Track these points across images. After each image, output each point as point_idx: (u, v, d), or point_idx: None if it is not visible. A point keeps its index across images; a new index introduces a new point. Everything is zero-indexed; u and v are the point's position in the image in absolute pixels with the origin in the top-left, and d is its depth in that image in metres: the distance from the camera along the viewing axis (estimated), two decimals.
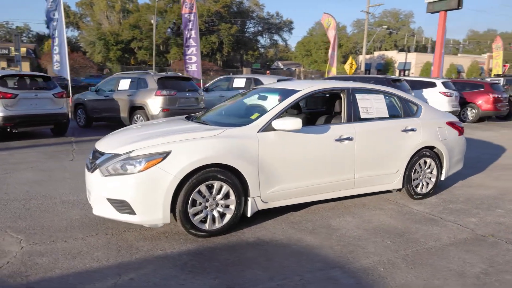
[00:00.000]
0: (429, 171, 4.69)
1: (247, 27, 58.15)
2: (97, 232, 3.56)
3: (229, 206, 3.52)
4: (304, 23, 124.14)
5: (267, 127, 3.67)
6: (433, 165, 4.70)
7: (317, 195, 4.00)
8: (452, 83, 13.28)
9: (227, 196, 3.48)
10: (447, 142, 4.75)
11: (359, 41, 55.62)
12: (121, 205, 3.25)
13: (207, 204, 3.42)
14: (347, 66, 19.62)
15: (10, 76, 8.66)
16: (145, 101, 9.18)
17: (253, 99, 4.70)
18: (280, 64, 66.97)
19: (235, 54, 57.19)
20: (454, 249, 3.35)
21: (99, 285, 2.66)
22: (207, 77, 36.28)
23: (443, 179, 4.86)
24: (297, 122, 3.56)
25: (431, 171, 4.71)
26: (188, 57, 14.21)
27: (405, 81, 11.81)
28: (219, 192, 3.44)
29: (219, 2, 50.41)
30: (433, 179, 4.74)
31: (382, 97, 4.47)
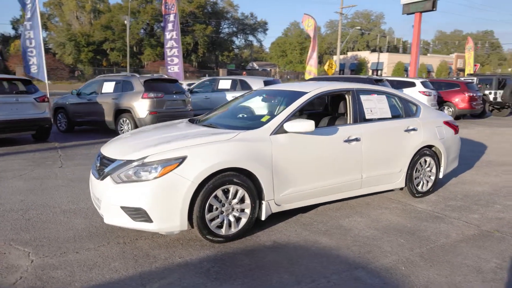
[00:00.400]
0: (429, 169, 4.83)
1: (222, 27, 57.96)
2: (109, 241, 3.44)
3: (244, 210, 3.49)
4: (278, 24, 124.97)
5: (279, 130, 3.67)
6: (432, 164, 4.84)
7: (326, 196, 4.03)
8: (430, 83, 13.71)
9: (242, 200, 3.45)
10: (445, 141, 4.90)
11: (333, 42, 56.51)
12: (137, 213, 3.16)
13: (223, 209, 3.38)
14: (326, 66, 19.90)
15: None
16: (131, 104, 8.98)
17: (257, 101, 4.68)
18: (255, 64, 67.16)
19: (210, 55, 56.89)
20: (465, 245, 3.46)
21: None
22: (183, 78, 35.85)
23: (441, 177, 5.01)
24: (310, 124, 3.58)
25: (431, 170, 4.85)
26: (169, 59, 14.00)
27: (387, 81, 12.10)
28: (234, 196, 3.41)
29: (193, 2, 50.02)
30: (433, 177, 4.88)
31: (384, 98, 4.56)
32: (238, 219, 3.47)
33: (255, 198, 3.48)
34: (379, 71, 51.77)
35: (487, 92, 15.73)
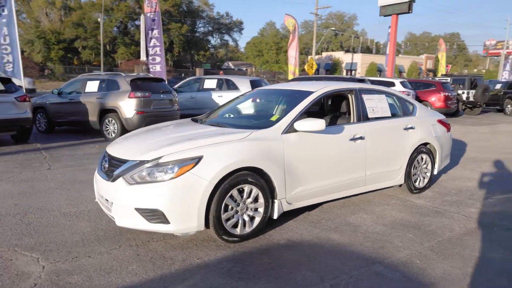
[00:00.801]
0: (425, 166, 4.98)
1: (197, 27, 57.48)
2: (120, 244, 3.36)
3: (257, 209, 3.49)
4: (253, 23, 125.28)
5: (289, 129, 3.69)
6: (428, 161, 5.00)
7: (333, 194, 4.08)
8: (408, 83, 14.12)
9: (256, 199, 3.45)
10: (439, 138, 5.07)
11: (308, 42, 57.13)
12: (153, 215, 3.10)
13: (238, 208, 3.37)
14: (307, 66, 20.12)
15: None
16: (117, 103, 8.76)
17: (259, 101, 4.68)
18: (230, 64, 66.96)
19: (186, 54, 56.31)
20: (470, 238, 3.60)
21: None
22: None
23: (435, 173, 5.18)
24: (321, 123, 3.62)
25: (427, 166, 5.01)
26: (151, 58, 13.76)
27: (369, 81, 12.35)
28: (249, 195, 3.40)
29: (169, 1, 49.32)
30: (428, 174, 5.04)
31: (384, 97, 4.67)
32: (252, 219, 3.47)
33: (268, 197, 3.49)
34: (353, 71, 52.79)
35: (460, 91, 16.37)
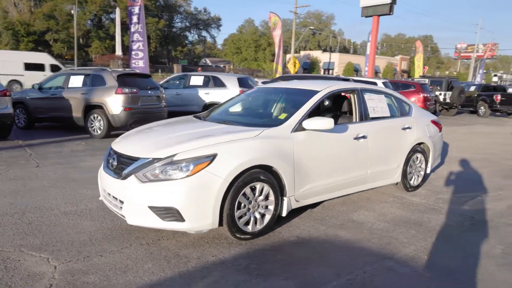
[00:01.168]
0: (419, 165, 5.16)
1: (175, 22, 56.68)
2: (131, 243, 3.31)
3: (268, 207, 3.53)
4: (231, 20, 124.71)
5: (298, 127, 3.74)
6: (422, 160, 5.18)
7: (338, 191, 4.17)
8: (390, 83, 14.47)
9: (267, 197, 3.48)
10: (433, 138, 5.26)
11: (286, 41, 57.50)
12: (167, 213, 3.08)
13: (250, 206, 3.39)
14: (290, 65, 20.26)
15: None
16: (104, 99, 8.54)
17: (261, 99, 4.71)
18: (207, 61, 66.45)
19: (163, 49, 55.44)
20: (469, 234, 3.77)
21: None
22: None
23: (428, 172, 5.37)
24: (330, 122, 3.68)
25: (421, 165, 5.18)
26: (134, 53, 13.49)
27: (353, 80, 12.60)
28: (260, 193, 3.43)
29: None
30: (422, 173, 5.23)
31: (383, 97, 4.80)
32: (262, 216, 3.50)
33: (278, 194, 3.53)
34: (331, 71, 53.56)
35: (437, 93, 16.94)
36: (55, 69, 19.39)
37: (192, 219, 3.07)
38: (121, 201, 3.26)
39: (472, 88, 19.25)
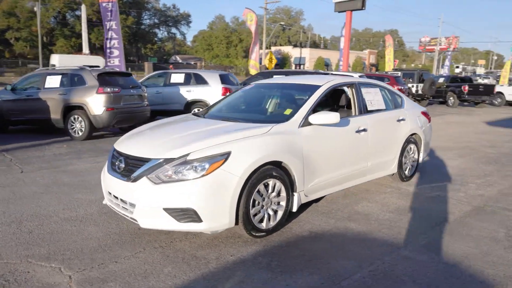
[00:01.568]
0: (413, 155, 5.30)
1: (143, 18, 55.38)
2: (143, 247, 3.21)
3: (279, 203, 3.52)
4: (201, 17, 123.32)
5: (304, 122, 3.74)
6: (415, 150, 5.32)
7: (342, 184, 4.21)
8: (366, 77, 14.77)
9: (279, 193, 3.47)
10: (424, 129, 5.41)
11: (259, 37, 57.53)
12: (183, 214, 3.01)
13: (263, 203, 3.37)
14: (267, 61, 20.26)
15: None
16: (84, 99, 8.24)
17: (261, 95, 4.68)
18: (178, 58, 65.42)
19: (132, 47, 54.08)
20: (470, 220, 3.91)
21: None
22: None
23: (420, 161, 5.53)
24: (336, 116, 3.71)
25: (414, 156, 5.32)
26: (109, 51, 13.05)
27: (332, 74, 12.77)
28: (273, 189, 3.41)
29: None
30: (415, 163, 5.37)
31: (378, 90, 4.88)
32: (275, 212, 3.49)
33: (289, 190, 3.53)
34: (302, 66, 54.07)
35: (410, 85, 17.46)
36: None
37: (209, 219, 3.02)
38: (132, 204, 3.15)
39: (441, 79, 19.97)
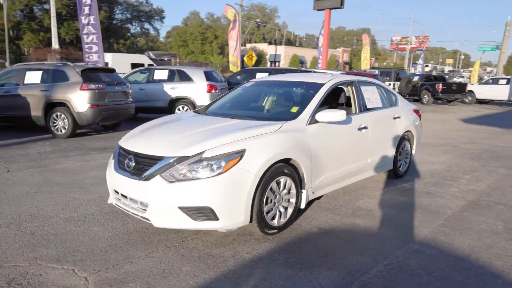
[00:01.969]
0: (406, 152, 5.45)
1: (115, 13, 53.93)
2: (156, 246, 3.16)
3: (289, 200, 3.54)
4: (176, 12, 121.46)
5: (311, 120, 3.78)
6: (409, 147, 5.48)
7: (344, 181, 4.28)
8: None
9: (289, 190, 3.49)
10: (416, 126, 5.58)
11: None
12: (199, 212, 2.97)
13: (275, 200, 3.38)
14: (247, 58, 20.21)
15: None
16: (68, 96, 7.96)
17: (262, 92, 4.69)
18: (151, 54, 64.06)
19: (104, 42, 52.45)
20: (468, 214, 4.07)
21: None
22: None
23: (413, 158, 5.69)
24: (342, 114, 3.76)
25: (407, 152, 5.48)
26: (87, 46, 12.63)
27: (314, 72, 12.91)
28: (284, 187, 3.43)
29: None
30: (408, 160, 5.53)
31: (375, 89, 4.99)
32: (285, 209, 3.50)
33: (298, 187, 3.56)
34: (277, 63, 54.29)
35: (387, 83, 17.90)
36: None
37: (226, 217, 3.00)
38: (144, 203, 3.09)
39: (415, 78, 20.59)
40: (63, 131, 8.10)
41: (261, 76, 12.16)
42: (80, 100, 7.95)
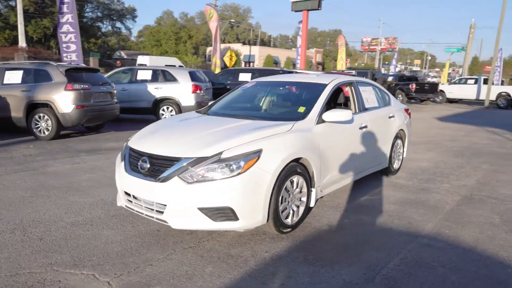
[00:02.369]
0: (399, 150, 5.64)
1: (85, 11, 52.35)
2: (173, 248, 3.13)
3: (301, 198, 3.59)
4: (148, 11, 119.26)
5: (319, 120, 3.85)
6: (401, 145, 5.67)
7: (346, 179, 4.37)
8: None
9: (301, 189, 3.55)
10: (407, 125, 5.78)
11: (206, 33, 56.81)
12: (219, 213, 2.98)
13: (289, 199, 3.42)
14: (226, 58, 20.14)
15: None
16: (51, 97, 7.69)
17: (263, 92, 4.72)
18: (122, 53, 62.66)
19: None
20: (465, 208, 4.26)
21: None
22: None
23: (405, 156, 5.89)
24: (348, 113, 3.85)
25: (400, 150, 5.67)
26: (65, 45, 12.24)
27: (295, 72, 13.05)
28: (297, 186, 3.48)
29: None
30: (401, 157, 5.72)
31: (371, 89, 5.13)
32: (297, 208, 3.56)
33: (309, 186, 3.62)
34: (251, 63, 54.36)
35: None
36: None
37: (245, 217, 3.01)
38: (160, 205, 3.06)
39: (390, 78, 21.20)
40: (46, 133, 7.82)
41: (244, 77, 12.18)
42: (64, 100, 7.71)
